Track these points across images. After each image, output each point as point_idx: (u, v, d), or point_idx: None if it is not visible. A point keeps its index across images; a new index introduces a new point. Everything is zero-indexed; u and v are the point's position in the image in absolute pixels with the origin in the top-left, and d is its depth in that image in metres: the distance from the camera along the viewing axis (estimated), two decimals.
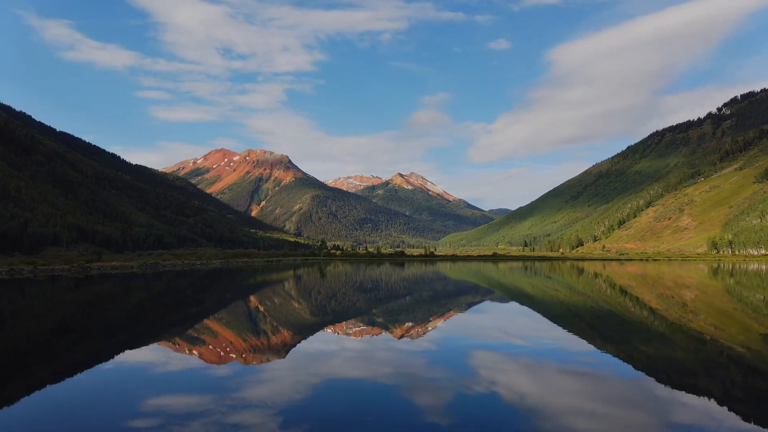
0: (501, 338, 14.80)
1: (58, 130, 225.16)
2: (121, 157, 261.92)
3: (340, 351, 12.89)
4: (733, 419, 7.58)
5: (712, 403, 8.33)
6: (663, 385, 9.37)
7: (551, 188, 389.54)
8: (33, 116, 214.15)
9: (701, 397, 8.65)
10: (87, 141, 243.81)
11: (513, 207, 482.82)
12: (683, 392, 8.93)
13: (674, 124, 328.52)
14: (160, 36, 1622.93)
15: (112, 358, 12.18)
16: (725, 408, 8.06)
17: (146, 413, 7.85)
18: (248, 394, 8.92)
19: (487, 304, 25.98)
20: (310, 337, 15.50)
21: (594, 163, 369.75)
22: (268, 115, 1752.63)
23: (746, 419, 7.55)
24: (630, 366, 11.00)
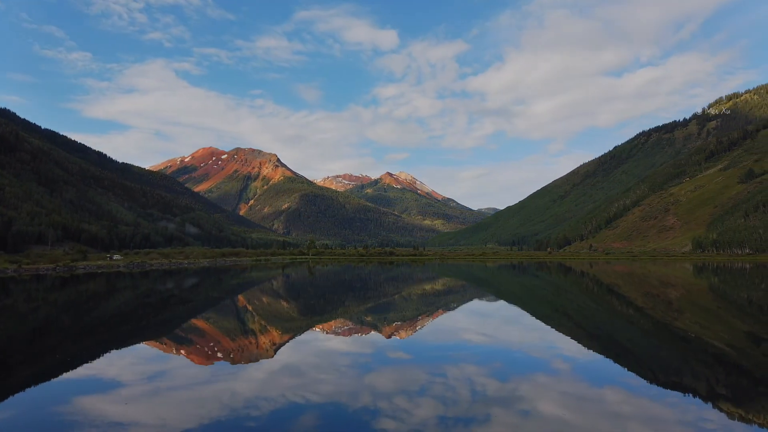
0: (490, 340, 14.84)
1: (43, 127, 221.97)
2: (108, 155, 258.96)
3: (328, 353, 12.86)
4: (718, 416, 7.66)
5: (697, 400, 8.42)
6: (648, 383, 9.46)
7: (539, 188, 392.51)
8: (17, 113, 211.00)
9: (686, 394, 8.74)
10: (72, 139, 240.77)
11: (501, 206, 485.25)
12: (669, 390, 9.03)
13: (660, 124, 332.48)
14: None
15: (98, 358, 12.01)
16: (710, 405, 8.16)
17: (114, 415, 7.78)
18: (216, 402, 8.87)
19: (476, 303, 26.06)
20: (298, 337, 15.42)
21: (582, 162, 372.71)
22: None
23: (731, 417, 7.65)
24: (617, 364, 11.11)
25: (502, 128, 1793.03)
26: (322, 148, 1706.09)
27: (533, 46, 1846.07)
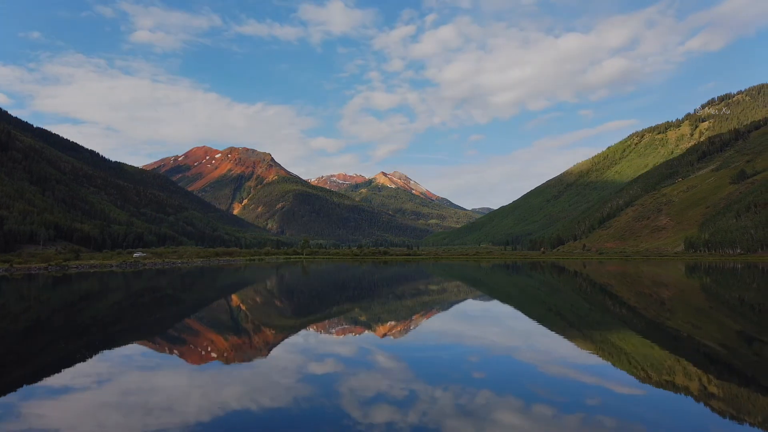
0: (481, 341, 14.86)
1: (35, 126, 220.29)
2: (100, 154, 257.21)
3: (321, 354, 12.83)
4: (710, 416, 7.70)
5: (689, 400, 8.46)
6: (641, 383, 9.50)
7: (533, 188, 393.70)
8: (9, 112, 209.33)
9: (678, 394, 8.78)
10: (65, 137, 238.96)
11: (495, 206, 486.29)
12: (661, 389, 9.07)
13: (653, 125, 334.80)
14: None
15: (90, 358, 11.92)
16: (701, 404, 8.20)
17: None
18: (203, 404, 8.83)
19: (469, 303, 26.09)
20: (292, 337, 15.37)
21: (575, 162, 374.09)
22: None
23: (722, 416, 7.69)
24: (609, 364, 11.14)
25: (468, 122, 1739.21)
26: (291, 143, 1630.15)
27: (484, 33, 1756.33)
